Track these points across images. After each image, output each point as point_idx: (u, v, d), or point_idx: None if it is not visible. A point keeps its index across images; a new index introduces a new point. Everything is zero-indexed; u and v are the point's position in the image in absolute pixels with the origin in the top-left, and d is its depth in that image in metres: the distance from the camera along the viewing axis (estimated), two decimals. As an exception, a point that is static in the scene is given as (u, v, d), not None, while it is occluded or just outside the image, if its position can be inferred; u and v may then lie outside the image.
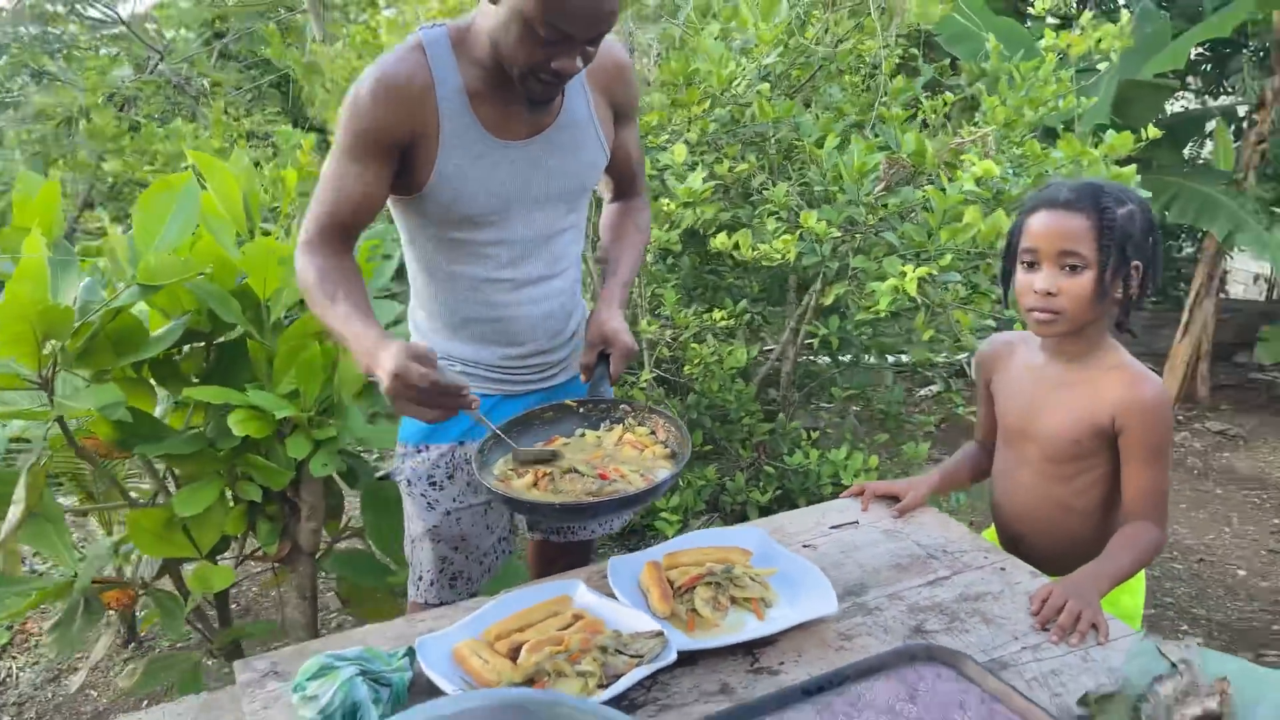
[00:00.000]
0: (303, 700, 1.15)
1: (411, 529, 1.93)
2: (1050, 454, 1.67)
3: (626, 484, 1.46)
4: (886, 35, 2.86)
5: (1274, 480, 4.78)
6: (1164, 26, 5.06)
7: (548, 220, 1.72)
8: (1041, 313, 1.59)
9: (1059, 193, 1.59)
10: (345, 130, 1.58)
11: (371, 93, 1.55)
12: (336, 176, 1.61)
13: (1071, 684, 1.26)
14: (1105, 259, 1.54)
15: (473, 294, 1.73)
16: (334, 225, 1.63)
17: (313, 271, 1.59)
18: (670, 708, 1.22)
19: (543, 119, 1.66)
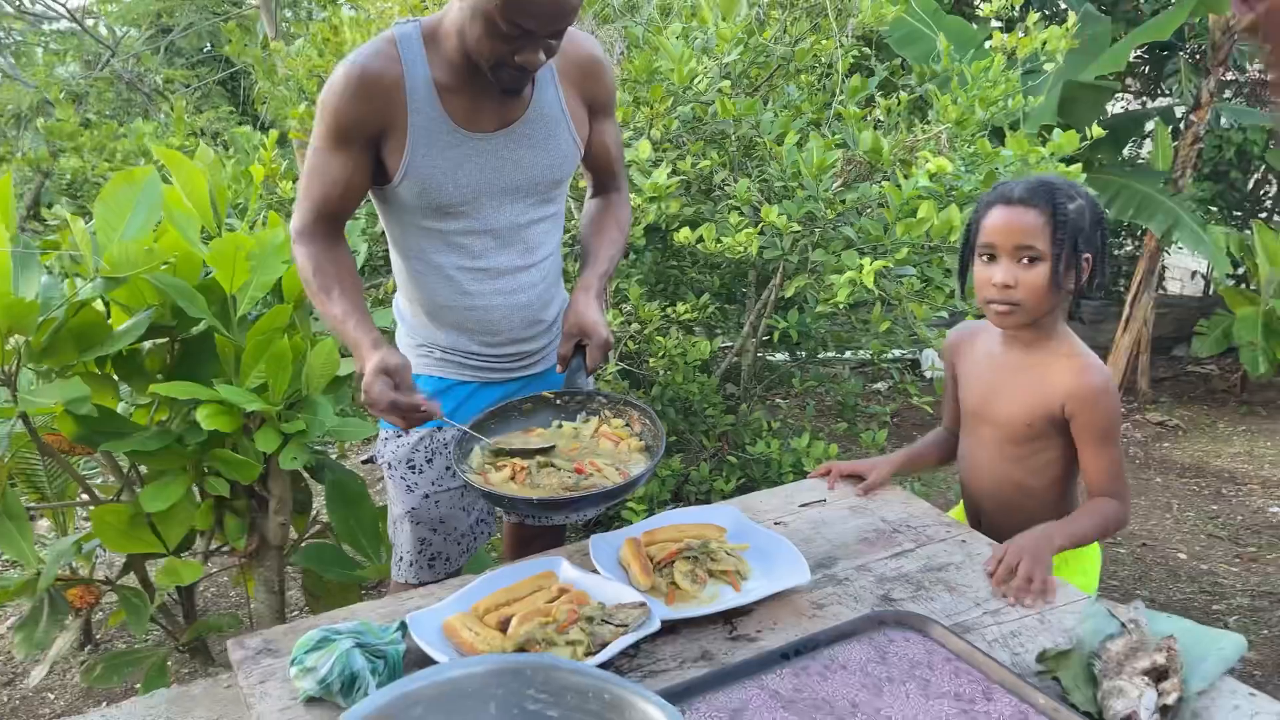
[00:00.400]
0: (301, 672, 1.18)
1: (393, 511, 1.98)
2: (1006, 436, 1.75)
3: (603, 479, 1.50)
4: (842, 36, 2.94)
5: (1211, 468, 4.97)
6: (1104, 29, 5.23)
7: (519, 211, 1.75)
8: (1000, 304, 1.67)
9: (1013, 190, 1.67)
10: (321, 121, 1.65)
11: (344, 85, 1.61)
12: (319, 166, 1.67)
13: (1029, 644, 1.34)
14: (1059, 251, 1.63)
15: (449, 283, 1.77)
16: (323, 214, 1.70)
17: (309, 262, 1.68)
18: (655, 673, 1.28)
19: (512, 112, 1.70)
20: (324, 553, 2.83)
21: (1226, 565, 3.84)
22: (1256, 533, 4.15)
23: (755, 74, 3.04)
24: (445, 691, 1.05)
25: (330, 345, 2.46)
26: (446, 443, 1.87)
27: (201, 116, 6.17)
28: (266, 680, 1.26)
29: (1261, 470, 4.91)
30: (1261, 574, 3.75)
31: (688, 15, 2.94)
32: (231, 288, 2.47)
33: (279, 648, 1.33)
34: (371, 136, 1.65)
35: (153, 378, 2.53)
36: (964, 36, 4.76)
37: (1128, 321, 5.70)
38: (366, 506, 2.76)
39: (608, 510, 3.16)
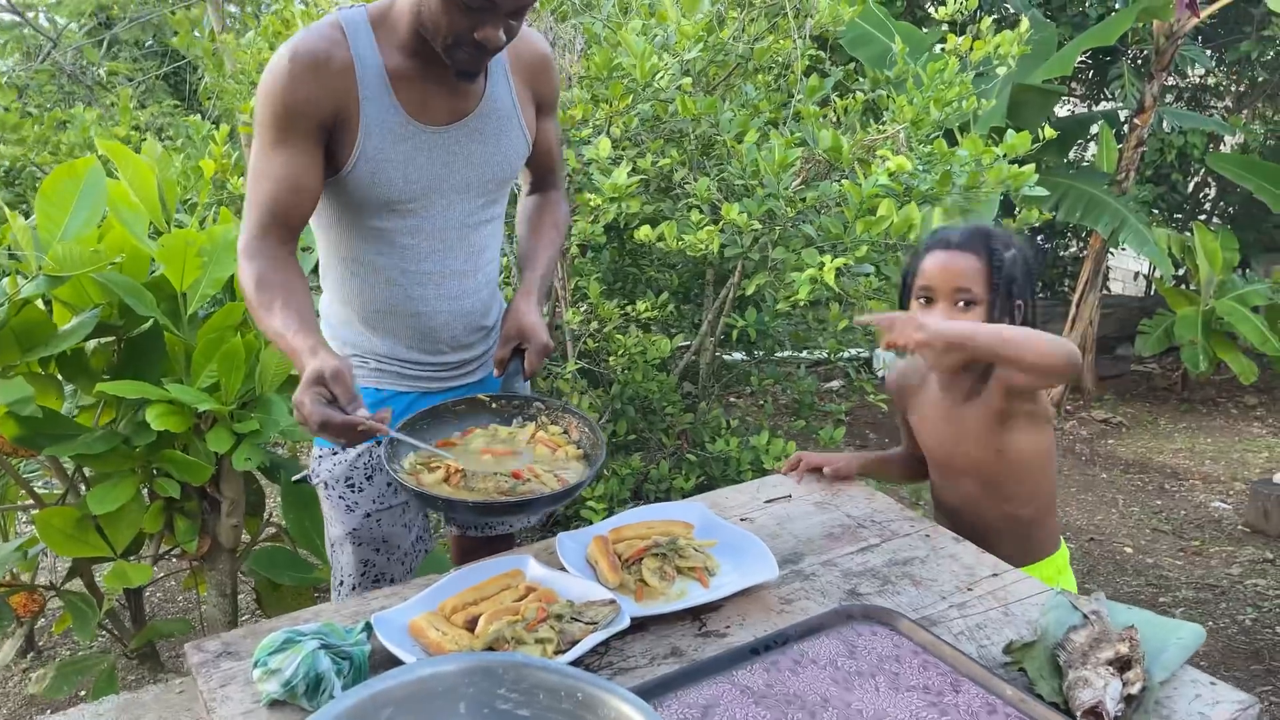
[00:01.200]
0: (265, 674, 1.15)
1: (331, 533, 1.87)
2: (979, 478, 1.77)
3: (540, 484, 1.46)
4: (800, 35, 2.96)
5: (1155, 464, 5.09)
6: (1050, 34, 5.34)
7: (468, 210, 1.70)
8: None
9: (951, 236, 1.71)
10: (267, 115, 1.53)
11: (290, 70, 1.50)
12: (264, 168, 1.55)
13: (995, 636, 1.36)
14: (994, 297, 1.67)
15: (391, 288, 1.69)
16: (273, 222, 1.56)
17: (250, 279, 1.53)
18: (625, 670, 1.27)
19: (465, 104, 1.64)
20: (277, 556, 2.78)
21: (1171, 559, 3.94)
22: (1199, 527, 4.26)
23: (713, 72, 3.05)
24: (415, 691, 1.03)
25: (285, 343, 2.42)
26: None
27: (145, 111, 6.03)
28: (227, 684, 1.23)
29: (1202, 466, 5.04)
30: (1205, 567, 3.84)
31: (646, 12, 2.93)
32: (182, 285, 2.41)
33: (239, 650, 1.30)
34: (323, 122, 1.53)
35: (99, 377, 2.46)
36: (914, 40, 4.82)
37: (1074, 321, 5.82)
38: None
39: (565, 511, 3.15)
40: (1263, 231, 6.69)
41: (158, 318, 2.40)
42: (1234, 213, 6.94)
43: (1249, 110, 7.08)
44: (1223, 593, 3.60)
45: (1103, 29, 5.01)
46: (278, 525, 2.94)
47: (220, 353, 2.34)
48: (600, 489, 2.84)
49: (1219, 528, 4.25)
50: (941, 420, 1.80)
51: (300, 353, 1.42)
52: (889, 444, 5.39)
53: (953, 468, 1.82)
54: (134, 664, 2.90)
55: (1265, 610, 3.45)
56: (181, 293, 2.43)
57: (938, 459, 1.85)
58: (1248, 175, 5.72)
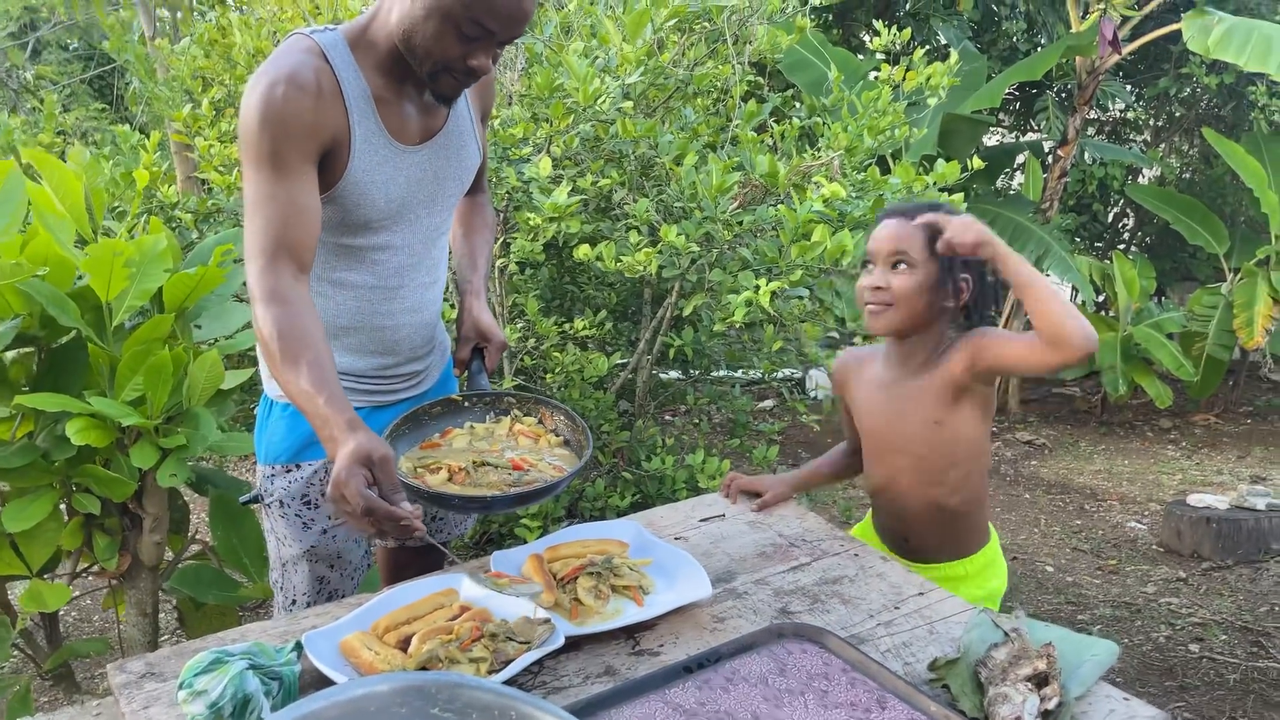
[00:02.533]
0: (191, 695, 1.13)
1: (283, 553, 1.84)
2: (919, 460, 1.80)
3: (540, 473, 1.51)
4: (739, 61, 3.01)
5: (1075, 485, 5.24)
6: (981, 66, 5.51)
7: (432, 224, 1.73)
8: (873, 305, 1.74)
9: (903, 205, 1.77)
10: (264, 144, 1.47)
11: (285, 96, 1.46)
12: (270, 197, 1.48)
13: (920, 653, 1.39)
14: (932, 264, 1.70)
15: (358, 303, 1.70)
16: (284, 253, 1.47)
17: (271, 327, 1.43)
18: (559, 689, 1.27)
19: (434, 123, 1.68)
20: (202, 573, 2.71)
21: (1090, 577, 4.06)
22: (1116, 546, 4.40)
23: (653, 95, 3.08)
24: (347, 712, 1.02)
25: (214, 357, 2.37)
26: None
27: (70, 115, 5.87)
28: (151, 705, 1.21)
29: (1120, 487, 5.21)
30: (1122, 585, 3.97)
31: (588, 34, 2.96)
32: (108, 296, 2.35)
33: (163, 671, 1.27)
34: (321, 146, 1.51)
35: (17, 389, 2.39)
36: (849, 67, 4.94)
37: (1000, 345, 5.98)
38: (251, 523, 2.66)
39: (498, 527, 3.14)
40: (1178, 261, 6.97)
41: (81, 329, 2.34)
42: (1151, 242, 7.22)
43: (1166, 144, 7.38)
44: (1138, 611, 3.72)
45: (1030, 64, 5.19)
46: (202, 542, 2.87)
47: (147, 366, 2.29)
48: (534, 506, 2.84)
49: (1135, 547, 4.39)
50: (883, 394, 1.83)
51: (336, 425, 1.34)
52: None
53: (888, 444, 1.84)
54: (48, 685, 2.81)
55: (1178, 628, 3.57)
56: (107, 304, 2.37)
57: (873, 435, 1.87)
58: (1165, 207, 5.96)
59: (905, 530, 1.88)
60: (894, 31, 3.19)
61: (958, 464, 1.78)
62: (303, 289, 1.49)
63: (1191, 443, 5.97)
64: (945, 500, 1.80)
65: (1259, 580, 4.00)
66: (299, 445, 1.78)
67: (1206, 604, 3.78)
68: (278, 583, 1.87)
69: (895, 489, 1.85)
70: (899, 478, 1.84)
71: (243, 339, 2.63)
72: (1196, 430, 6.19)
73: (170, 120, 3.47)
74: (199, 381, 2.40)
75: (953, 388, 1.73)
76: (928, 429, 1.76)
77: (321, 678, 1.22)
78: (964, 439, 1.76)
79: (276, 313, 1.43)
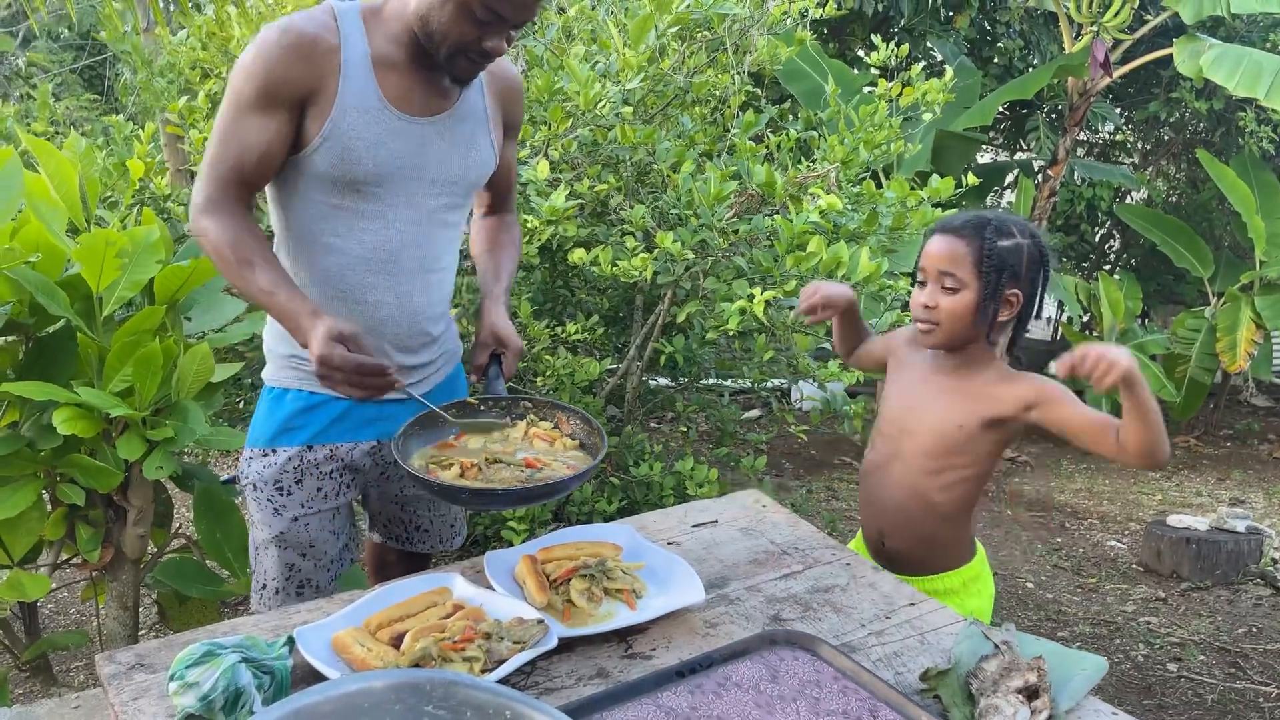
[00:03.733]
0: (182, 688, 1.12)
1: (256, 536, 1.87)
2: (925, 447, 1.81)
3: (552, 471, 1.53)
4: (739, 70, 3.03)
5: (1056, 503, 5.27)
6: (975, 82, 5.55)
7: (430, 207, 1.74)
8: (923, 323, 1.78)
9: (952, 221, 1.77)
10: (247, 81, 1.58)
11: (277, 42, 1.57)
12: (234, 132, 1.60)
13: (911, 663, 1.40)
14: (982, 284, 1.71)
15: (343, 272, 1.72)
16: (236, 181, 1.61)
17: (224, 235, 1.57)
18: (551, 690, 1.27)
19: (441, 103, 1.71)
20: (185, 567, 2.69)
21: (1070, 595, 4.08)
22: (1096, 565, 4.43)
23: (651, 102, 3.09)
24: (341, 707, 1.01)
25: (205, 350, 2.36)
26: (317, 463, 1.80)
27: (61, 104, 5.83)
28: (140, 697, 1.19)
29: (1100, 506, 5.24)
30: (1101, 603, 4.00)
31: (589, 39, 2.97)
32: (99, 286, 2.34)
33: (153, 663, 1.26)
34: (299, 99, 1.60)
35: (4, 376, 2.36)
36: (845, 80, 4.96)
37: (985, 362, 6.01)
38: (236, 519, 2.64)
39: (484, 530, 3.13)
40: (1163, 283, 7.03)
41: (71, 318, 2.32)
42: (1136, 264, 7.28)
43: (1153, 168, 7.45)
44: (1117, 629, 3.75)
45: (1021, 83, 5.23)
46: (185, 536, 2.85)
47: (136, 357, 2.27)
48: (522, 510, 2.83)
49: (1115, 566, 4.42)
50: (922, 383, 1.86)
51: (300, 314, 1.50)
52: (804, 474, 5.49)
53: (902, 424, 1.86)
54: (24, 677, 2.78)
55: (1157, 647, 3.60)
56: (98, 294, 2.36)
57: (893, 411, 1.89)
58: (1152, 229, 6.01)
59: (882, 522, 1.89)
60: (891, 47, 3.22)
61: (956, 469, 1.80)
62: (245, 210, 1.64)
63: (1171, 464, 6.01)
64: (930, 494, 1.82)
65: (1237, 602, 4.03)
66: (275, 430, 1.80)
67: (1185, 624, 3.81)
68: (253, 565, 1.90)
69: (887, 470, 1.87)
70: (896, 460, 1.86)
71: (233, 333, 2.62)
72: (1176, 452, 6.24)
73: (163, 111, 3.45)
74: (188, 374, 2.38)
75: (994, 413, 1.75)
76: (948, 426, 1.79)
77: (313, 673, 1.22)
78: (974, 452, 1.78)
79: (224, 222, 1.59)
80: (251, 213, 1.66)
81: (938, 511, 1.83)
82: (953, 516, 1.84)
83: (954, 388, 1.81)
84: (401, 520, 2.04)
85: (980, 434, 1.77)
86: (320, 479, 1.81)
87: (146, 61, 3.45)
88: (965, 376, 1.81)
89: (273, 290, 1.54)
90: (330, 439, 1.81)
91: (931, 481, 1.81)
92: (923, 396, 1.85)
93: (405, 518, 2.03)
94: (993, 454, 1.82)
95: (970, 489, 1.83)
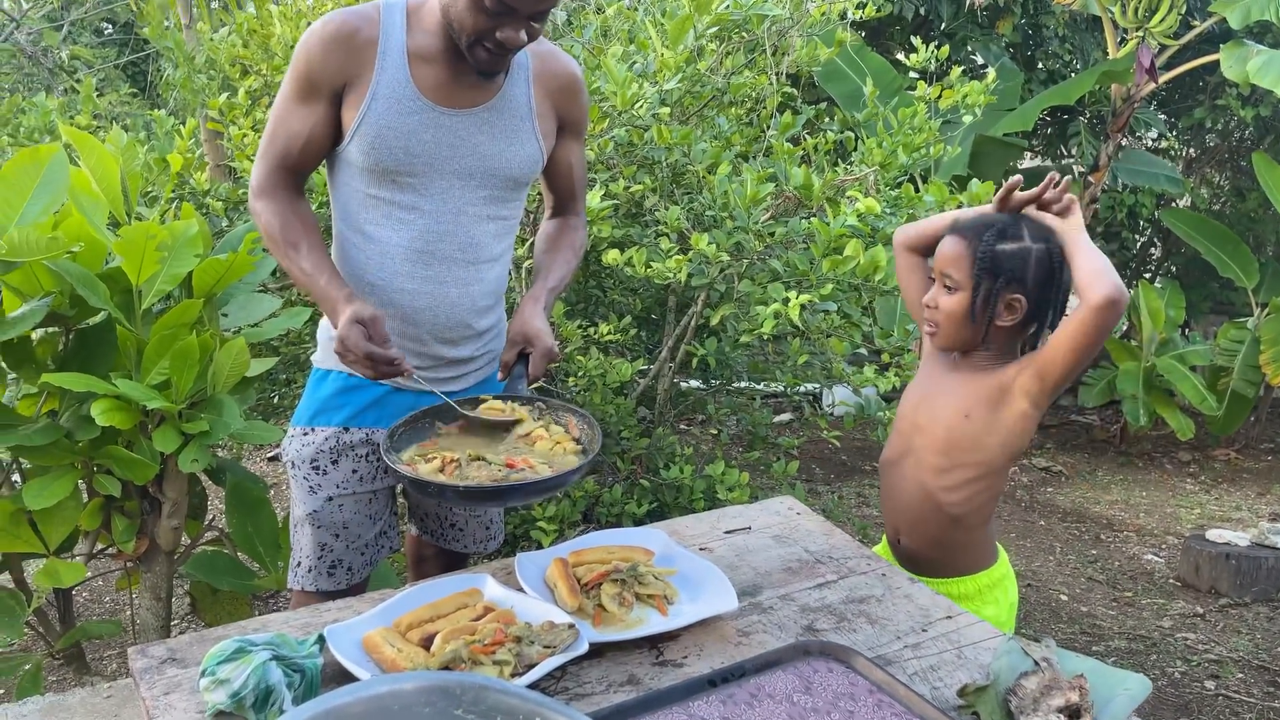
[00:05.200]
0: (213, 684, 1.12)
1: (294, 513, 1.93)
2: (934, 443, 1.80)
3: (533, 472, 1.50)
4: (777, 72, 3.00)
5: (1091, 514, 5.19)
6: (1016, 86, 5.47)
7: (468, 199, 1.75)
8: (927, 324, 1.78)
9: (964, 221, 1.75)
10: (291, 70, 1.69)
11: (320, 33, 1.66)
12: (283, 118, 1.71)
13: (948, 678, 1.37)
14: (975, 285, 1.69)
15: (382, 260, 1.75)
16: (285, 167, 1.73)
17: (274, 218, 1.70)
18: (581, 696, 1.25)
19: (480, 96, 1.72)
20: (217, 561, 2.71)
21: (1105, 608, 4.01)
22: (1133, 578, 4.35)
23: (688, 103, 3.07)
24: (372, 708, 1.00)
25: (240, 345, 2.37)
26: (353, 445, 1.82)
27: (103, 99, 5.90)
28: (171, 692, 1.20)
29: (1137, 518, 5.15)
30: (1137, 618, 3.92)
31: (626, 39, 2.96)
32: (138, 279, 2.36)
33: (185, 658, 1.26)
34: (336, 89, 1.68)
35: (44, 367, 2.39)
36: (885, 79, 4.91)
37: (1021, 370, 5.93)
38: (267, 513, 2.66)
39: (514, 530, 3.13)
40: (1206, 292, 6.90)
41: (111, 310, 2.34)
42: (1178, 272, 7.15)
43: (1197, 175, 7.32)
44: (1153, 645, 3.68)
45: (1064, 89, 5.16)
46: (218, 529, 2.87)
47: (174, 350, 2.29)
48: (551, 509, 2.82)
49: (1151, 580, 4.34)
50: (933, 372, 1.86)
51: (335, 299, 1.62)
52: (834, 479, 5.44)
53: (914, 420, 1.85)
54: (58, 665, 2.81)
55: (1194, 664, 3.53)
56: (137, 287, 2.38)
57: (907, 404, 1.89)
58: (1197, 236, 5.89)
59: (897, 520, 1.89)
60: (931, 48, 3.17)
61: (966, 466, 1.77)
62: (298, 194, 1.76)
63: (1211, 477, 5.90)
64: (938, 494, 1.79)
65: (1277, 619, 3.94)
66: (315, 410, 1.85)
67: (1223, 641, 3.73)
68: (292, 542, 1.95)
69: (901, 468, 1.87)
70: (908, 456, 1.85)
71: (269, 328, 2.63)
72: (1216, 465, 6.12)
73: (204, 107, 3.48)
74: (224, 368, 2.39)
75: (997, 384, 1.72)
76: (955, 418, 1.77)
77: (343, 672, 1.21)
78: (984, 446, 1.75)
79: (275, 206, 1.71)
80: (302, 197, 1.77)
81: (946, 513, 1.80)
82: (962, 520, 1.81)
83: (968, 382, 1.79)
84: (437, 516, 2.05)
85: (988, 421, 1.74)
86: (356, 461, 1.84)
87: (188, 58, 3.48)
88: (977, 374, 1.79)
89: (314, 273, 1.65)
90: (366, 423, 1.83)
91: (940, 481, 1.79)
92: (936, 391, 1.84)
93: (440, 514, 2.04)
94: (1002, 448, 1.76)
95: (979, 493, 1.79)
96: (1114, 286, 1.56)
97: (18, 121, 3.38)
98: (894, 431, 1.93)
